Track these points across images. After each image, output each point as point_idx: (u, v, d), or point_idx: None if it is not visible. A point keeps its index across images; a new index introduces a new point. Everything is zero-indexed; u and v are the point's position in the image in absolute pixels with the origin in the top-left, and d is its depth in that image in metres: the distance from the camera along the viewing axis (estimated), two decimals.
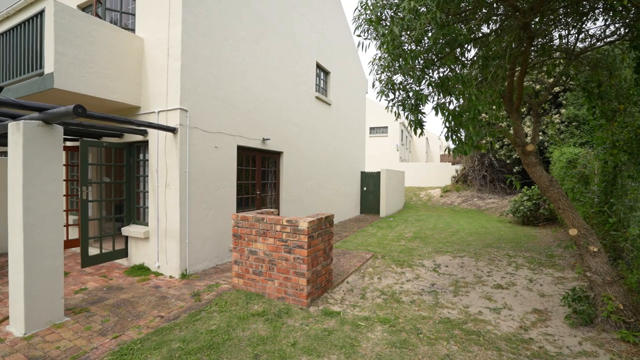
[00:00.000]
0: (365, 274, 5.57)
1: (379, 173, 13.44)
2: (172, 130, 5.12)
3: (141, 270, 5.53)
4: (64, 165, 5.74)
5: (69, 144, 6.66)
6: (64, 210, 5.71)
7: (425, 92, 3.57)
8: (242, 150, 6.73)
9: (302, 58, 8.81)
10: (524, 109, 12.28)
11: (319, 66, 9.93)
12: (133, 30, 5.95)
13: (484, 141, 4.57)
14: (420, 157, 36.91)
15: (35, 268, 3.45)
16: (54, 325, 3.59)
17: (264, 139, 7.18)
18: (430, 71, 3.47)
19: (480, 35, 3.78)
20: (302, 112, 8.83)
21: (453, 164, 22.49)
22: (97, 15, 6.17)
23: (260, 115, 7.08)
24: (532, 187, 10.79)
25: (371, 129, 28.71)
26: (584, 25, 3.76)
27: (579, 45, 4.12)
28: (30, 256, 3.41)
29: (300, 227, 4.01)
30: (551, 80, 7.76)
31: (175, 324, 3.59)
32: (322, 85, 10.34)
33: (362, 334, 3.42)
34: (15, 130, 3.41)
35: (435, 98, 3.61)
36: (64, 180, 5.90)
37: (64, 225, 5.93)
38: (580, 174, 6.59)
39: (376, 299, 4.43)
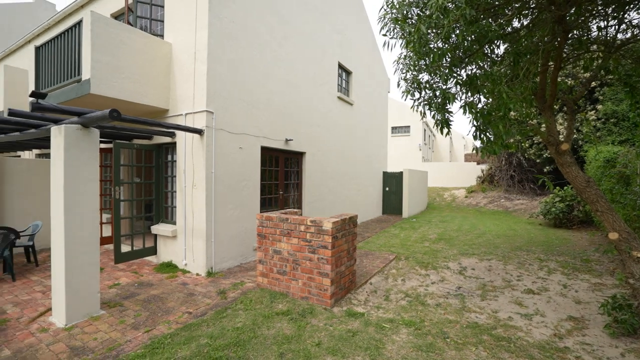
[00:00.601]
0: (388, 275, 5.50)
1: (401, 173, 13.25)
2: (199, 131, 5.27)
3: (169, 267, 5.73)
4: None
5: (102, 146, 7.00)
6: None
7: (453, 90, 3.47)
8: (265, 151, 6.83)
9: (324, 59, 8.82)
10: (557, 105, 11.71)
11: (340, 66, 9.91)
12: (162, 36, 6.17)
13: (512, 140, 4.39)
14: (443, 157, 36.04)
15: (74, 263, 3.66)
16: (91, 317, 3.79)
17: (287, 140, 7.25)
18: (458, 69, 3.37)
19: (511, 30, 3.64)
20: (324, 113, 8.85)
21: (478, 163, 21.80)
22: (128, 23, 6.44)
23: (283, 116, 7.16)
24: (565, 187, 10.26)
25: (393, 128, 28.33)
26: (625, 15, 3.53)
27: (620, 36, 3.88)
28: (70, 252, 3.62)
29: (324, 228, 4.02)
30: (587, 75, 7.35)
31: (203, 321, 3.69)
32: (343, 85, 10.31)
33: (387, 336, 3.38)
34: (58, 134, 3.62)
35: (463, 96, 3.50)
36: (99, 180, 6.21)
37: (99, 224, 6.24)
38: (620, 173, 6.19)
39: (400, 301, 4.37)
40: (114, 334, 3.44)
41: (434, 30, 2.87)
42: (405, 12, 2.94)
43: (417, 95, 3.55)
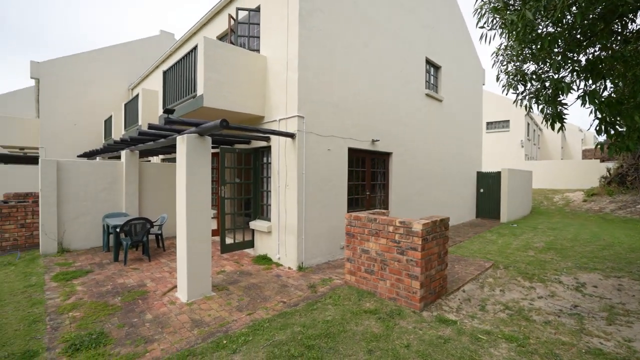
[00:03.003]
0: (484, 284, 5.05)
1: (498, 173, 11.94)
2: (291, 135, 5.69)
3: (265, 260, 6.31)
4: None
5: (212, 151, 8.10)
6: None
7: (568, 79, 2.98)
8: (352, 152, 6.97)
9: (411, 56, 8.55)
10: None
11: (428, 62, 9.46)
12: (258, 50, 6.84)
13: None
14: (553, 154, 31.11)
15: (194, 250, 4.35)
16: (205, 297, 4.45)
17: (373, 140, 7.27)
18: (574, 54, 2.88)
19: None
20: (411, 111, 8.58)
21: (602, 161, 18.19)
22: (231, 42, 7.33)
23: (369, 117, 7.20)
24: None
25: (488, 124, 25.69)
26: None
27: None
28: (191, 240, 4.31)
29: (413, 229, 3.93)
30: None
31: (296, 310, 3.98)
32: (432, 82, 9.82)
33: (483, 348, 3.13)
34: (181, 142, 4.36)
35: (581, 85, 2.98)
36: None
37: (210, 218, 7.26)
38: None
39: (499, 313, 3.97)
40: (223, 313, 3.97)
41: (544, 14, 2.52)
42: None
43: (520, 88, 3.17)
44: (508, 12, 2.59)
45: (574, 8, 2.40)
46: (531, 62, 3.00)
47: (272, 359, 2.92)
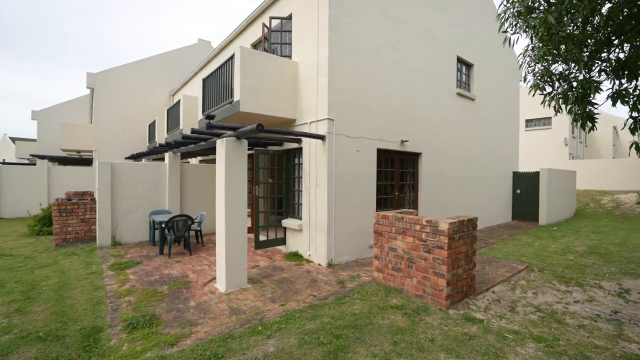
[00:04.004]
0: (516, 286, 4.97)
1: (536, 173, 11.42)
2: (321, 137, 5.93)
3: (296, 256, 6.60)
4: None
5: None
6: None
7: (600, 78, 2.92)
8: (381, 153, 7.08)
9: (441, 55, 8.48)
10: None
11: (460, 60, 9.31)
12: (290, 56, 7.16)
13: None
14: (603, 153, 28.89)
15: (231, 244, 4.72)
16: (241, 288, 4.80)
17: (402, 141, 7.33)
18: (604, 54, 2.82)
19: None
20: (441, 111, 8.51)
21: None
22: (264, 49, 7.72)
23: (398, 118, 7.27)
24: None
25: (527, 121, 24.42)
26: None
27: None
28: (229, 236, 4.69)
29: (440, 228, 4.01)
30: None
31: (325, 303, 4.21)
32: (463, 80, 9.64)
33: (509, 346, 3.16)
34: (221, 145, 4.75)
35: (613, 84, 2.89)
36: None
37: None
38: None
39: (529, 315, 3.94)
40: (258, 303, 4.28)
41: (569, 17, 2.51)
42: (529, 2, 2.65)
43: (548, 89, 3.15)
44: (530, 17, 2.61)
45: (598, 11, 2.38)
46: (559, 63, 2.97)
47: (303, 345, 3.16)
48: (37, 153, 18.78)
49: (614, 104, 2.75)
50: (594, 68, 2.80)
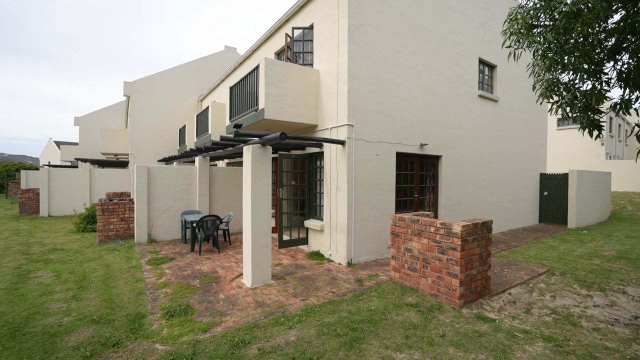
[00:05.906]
0: (534, 289, 5.01)
1: (565, 175, 11.09)
2: (342, 142, 6.21)
3: (317, 255, 6.91)
4: None
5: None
6: None
7: (603, 88, 2.99)
8: (400, 156, 7.26)
9: (462, 58, 8.51)
10: None
11: (482, 62, 9.28)
12: (311, 64, 7.49)
13: None
14: None
15: (257, 243, 5.10)
16: (265, 284, 5.17)
17: (421, 144, 7.47)
18: (604, 67, 2.88)
19: None
20: (462, 114, 8.54)
21: None
22: (287, 58, 8.10)
23: (417, 121, 7.41)
24: None
25: (559, 120, 23.35)
26: None
27: None
28: (255, 235, 5.07)
29: (453, 230, 4.17)
30: None
31: (343, 300, 4.48)
32: (486, 82, 9.58)
33: (517, 344, 3.30)
34: (247, 151, 5.14)
35: (617, 93, 2.97)
36: None
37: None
38: None
39: (544, 317, 4.02)
40: (281, 297, 4.62)
41: (565, 38, 2.61)
42: (531, 21, 2.78)
43: (555, 98, 3.24)
44: (531, 35, 2.73)
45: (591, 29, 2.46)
46: (566, 73, 3.05)
47: (321, 335, 3.45)
48: (79, 156, 20.36)
49: (616, 114, 2.81)
50: (598, 77, 2.87)
